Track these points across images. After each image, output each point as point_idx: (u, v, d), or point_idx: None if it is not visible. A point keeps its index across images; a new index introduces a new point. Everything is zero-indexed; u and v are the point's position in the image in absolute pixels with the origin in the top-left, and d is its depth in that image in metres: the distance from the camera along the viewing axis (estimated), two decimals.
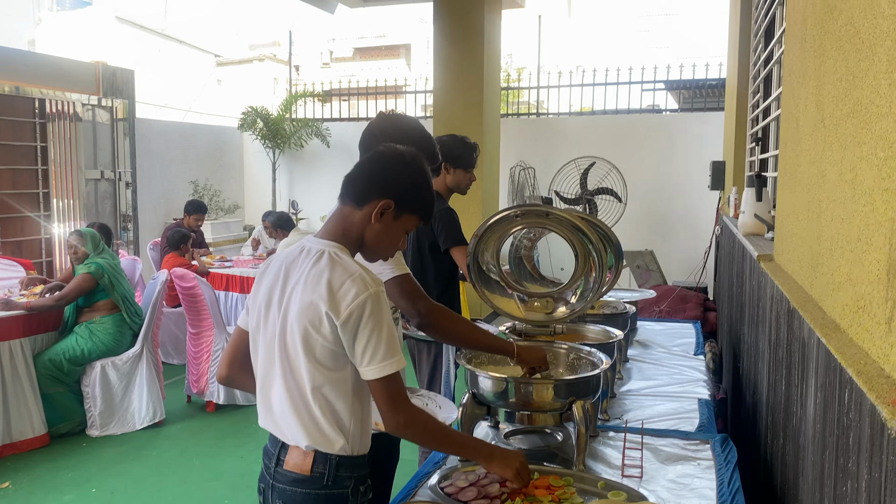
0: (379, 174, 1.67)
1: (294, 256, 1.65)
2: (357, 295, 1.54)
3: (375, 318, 1.55)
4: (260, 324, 1.66)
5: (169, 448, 4.34)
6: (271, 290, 1.65)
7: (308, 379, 1.58)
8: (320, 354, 1.57)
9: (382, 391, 1.57)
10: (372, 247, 1.71)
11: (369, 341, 1.54)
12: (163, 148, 8.85)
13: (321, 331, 1.55)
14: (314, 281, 1.57)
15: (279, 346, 1.61)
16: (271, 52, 36.90)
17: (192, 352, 5.09)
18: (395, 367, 1.57)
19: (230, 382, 1.83)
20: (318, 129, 9.54)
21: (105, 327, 4.54)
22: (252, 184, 10.43)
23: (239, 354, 1.76)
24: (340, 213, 1.68)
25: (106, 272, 4.51)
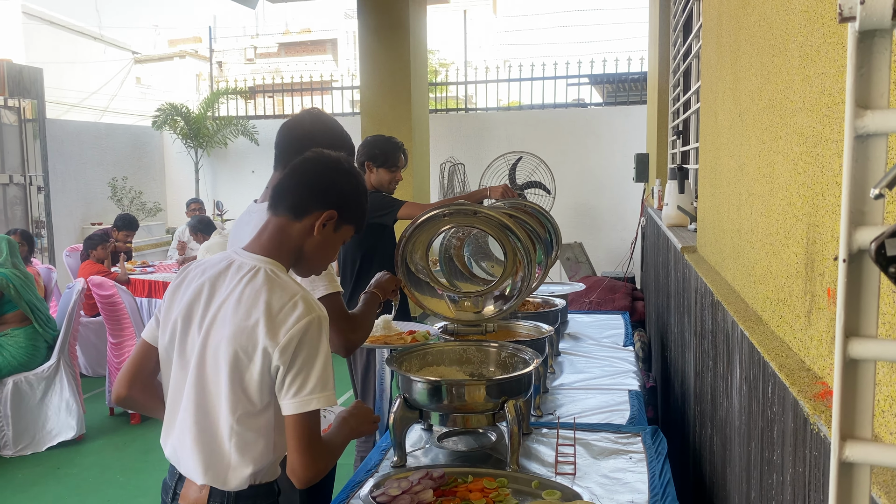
0: (320, 184, 1.56)
1: (220, 271, 1.53)
2: (299, 319, 1.43)
3: (313, 344, 1.44)
4: (174, 342, 1.53)
5: (90, 465, 4.14)
6: (191, 306, 1.51)
7: (227, 411, 1.44)
8: (248, 385, 1.44)
9: (298, 430, 1.43)
10: (310, 260, 1.60)
11: (301, 370, 1.43)
12: (77, 149, 8.44)
13: (254, 358, 1.42)
14: (249, 302, 1.45)
15: (195, 371, 1.47)
16: (192, 47, 35.85)
17: (113, 362, 4.87)
18: (322, 403, 1.44)
19: (128, 403, 1.65)
20: (245, 128, 9.29)
21: (16, 341, 4.29)
22: (174, 185, 10.09)
23: (143, 372, 1.60)
24: (274, 226, 1.55)
25: (11, 281, 4.26)
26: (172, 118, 9.23)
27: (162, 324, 1.56)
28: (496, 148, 7.91)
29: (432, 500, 1.71)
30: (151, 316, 5.32)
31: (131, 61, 26.30)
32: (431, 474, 1.83)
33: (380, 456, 2.06)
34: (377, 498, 1.73)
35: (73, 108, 15.67)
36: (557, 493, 1.74)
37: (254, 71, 35.40)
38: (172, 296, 1.58)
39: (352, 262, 3.33)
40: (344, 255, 3.33)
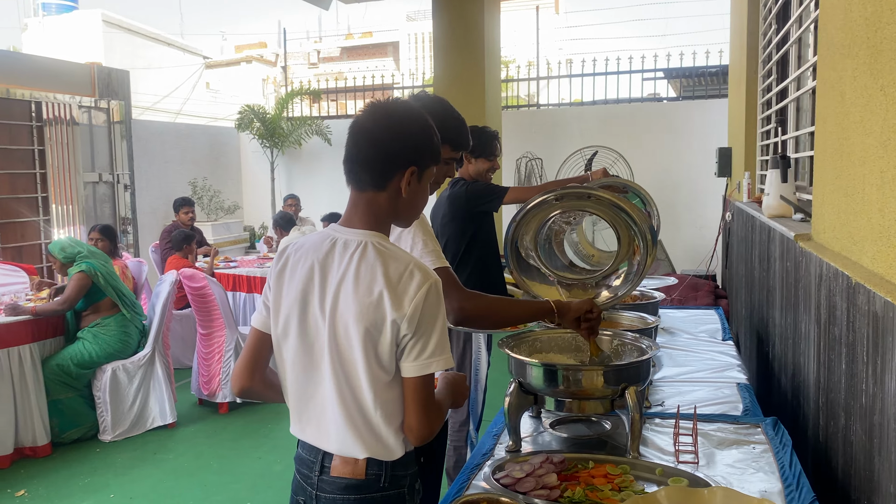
0: (388, 150, 1.52)
1: (326, 251, 1.53)
2: (419, 286, 1.44)
3: (433, 310, 1.46)
4: (291, 327, 1.54)
5: (184, 451, 4.26)
6: (305, 290, 1.52)
7: (368, 386, 1.47)
8: (381, 356, 1.46)
9: (418, 390, 1.47)
10: (406, 213, 1.60)
11: (423, 335, 1.45)
12: (160, 149, 8.74)
13: (383, 331, 1.44)
14: (367, 277, 1.46)
15: (330, 353, 1.49)
16: (258, 53, 36.78)
17: (202, 353, 5.01)
18: (440, 365, 1.47)
19: (250, 394, 1.66)
20: (319, 128, 9.45)
21: (108, 329, 4.45)
22: (250, 184, 10.34)
23: (261, 360, 1.63)
24: (364, 201, 1.54)
25: (98, 270, 4.42)
26: (250, 119, 9.46)
27: (273, 311, 1.57)
28: (569, 143, 7.85)
29: (556, 483, 1.69)
30: (237, 308, 5.44)
31: (202, 66, 27.12)
32: (552, 459, 1.81)
33: (493, 441, 2.05)
34: (500, 480, 1.72)
35: (147, 110, 16.25)
36: (684, 480, 1.69)
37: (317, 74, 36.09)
38: (278, 281, 1.58)
39: (454, 248, 3.33)
40: (445, 242, 3.33)
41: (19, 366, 4.15)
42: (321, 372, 1.53)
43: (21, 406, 4.15)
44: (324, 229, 1.63)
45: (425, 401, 1.49)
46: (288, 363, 1.57)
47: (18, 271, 5.53)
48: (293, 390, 1.59)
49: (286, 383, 1.60)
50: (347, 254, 1.51)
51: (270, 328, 1.60)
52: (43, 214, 6.85)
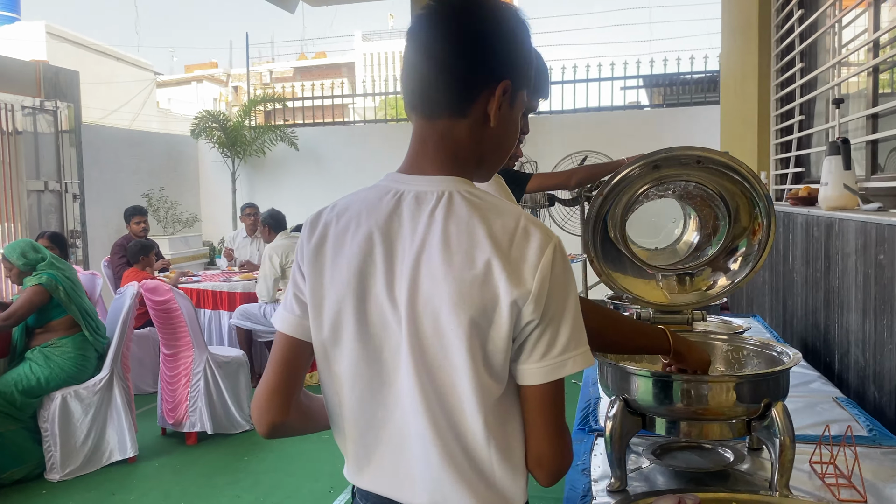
0: (484, 54, 1.04)
1: (387, 212, 1.05)
2: (542, 249, 0.97)
3: (563, 282, 0.99)
4: (343, 327, 1.06)
5: (148, 490, 3.66)
6: (362, 270, 1.04)
7: (476, 404, 0.99)
8: (491, 359, 0.98)
9: (548, 404, 1.01)
10: (490, 158, 1.11)
11: (551, 320, 0.98)
12: (112, 157, 8.08)
13: (495, 320, 0.97)
14: (463, 242, 0.98)
15: (412, 359, 1.00)
16: (209, 72, 36.06)
17: (166, 376, 4.41)
18: (578, 364, 1.00)
19: (285, 430, 1.15)
20: (286, 134, 8.91)
21: (64, 350, 3.85)
22: (209, 196, 9.70)
23: (298, 382, 1.14)
24: (436, 134, 1.06)
25: (60, 283, 3.83)
26: (209, 126, 8.86)
27: (312, 306, 1.08)
28: (553, 151, 7.46)
29: None
30: (202, 327, 4.83)
31: (153, 82, 26.23)
32: (684, 500, 1.35)
33: (585, 479, 1.58)
34: None
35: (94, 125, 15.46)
36: None
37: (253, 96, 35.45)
38: (315, 262, 1.09)
39: None
40: None
41: None
42: (397, 388, 1.04)
43: None
44: (376, 183, 1.12)
45: (558, 418, 1.02)
46: (343, 379, 1.08)
47: None
48: (352, 417, 1.09)
49: (339, 408, 1.11)
50: (424, 211, 1.03)
51: (308, 332, 1.10)
52: None
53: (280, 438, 1.23)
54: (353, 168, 9.20)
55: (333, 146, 9.29)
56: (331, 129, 9.55)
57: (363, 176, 9.19)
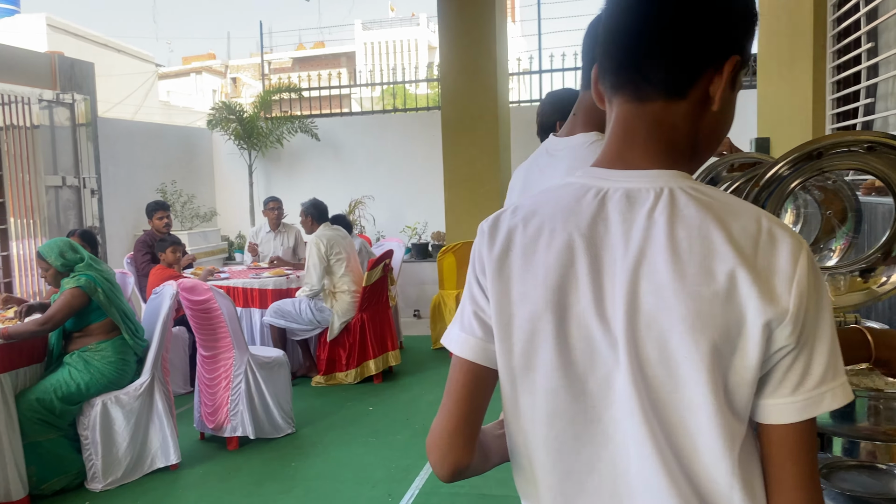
0: (716, 23, 0.87)
1: (591, 214, 0.88)
2: (794, 255, 0.80)
3: (823, 294, 0.82)
4: (539, 352, 0.89)
5: (196, 500, 3.50)
6: (562, 287, 0.87)
7: (722, 449, 0.81)
8: (737, 394, 0.82)
9: (802, 447, 0.83)
10: (709, 144, 0.93)
11: (806, 344, 0.81)
12: (127, 150, 7.88)
13: (743, 346, 0.80)
14: (697, 250, 0.81)
15: (634, 392, 0.83)
16: (206, 64, 35.82)
17: (205, 379, 4.24)
18: (839, 398, 0.82)
19: (470, 471, 0.98)
20: (305, 124, 8.70)
21: (104, 355, 3.67)
22: (225, 189, 9.50)
23: (480, 416, 0.97)
24: (647, 119, 0.89)
25: (99, 285, 3.64)
26: (226, 118, 8.66)
27: (500, 327, 0.91)
28: None
29: None
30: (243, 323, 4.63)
31: (154, 74, 25.97)
32: None
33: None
34: None
35: (110, 118, 15.28)
36: None
37: (268, 86, 35.22)
38: (499, 275, 0.92)
39: None
40: None
41: None
42: (607, 427, 0.87)
43: None
44: (568, 180, 0.94)
45: (811, 464, 0.83)
46: (536, 414, 0.91)
47: None
48: (546, 460, 0.91)
49: (527, 447, 0.94)
50: (639, 213, 0.85)
51: (494, 358, 0.93)
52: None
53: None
54: (371, 159, 9.00)
55: (352, 136, 9.09)
56: (349, 119, 9.34)
57: (382, 166, 9.01)
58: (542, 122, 2.73)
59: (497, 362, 0.94)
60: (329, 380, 5.38)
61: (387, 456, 3.95)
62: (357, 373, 5.34)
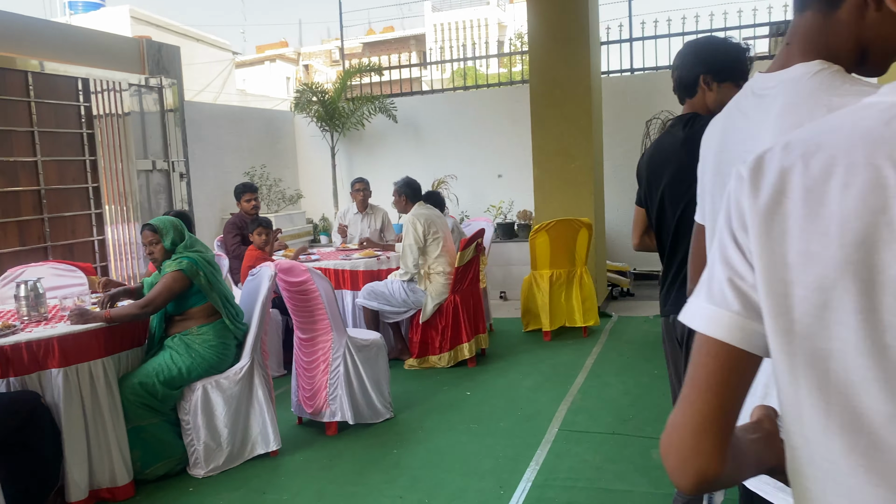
0: None
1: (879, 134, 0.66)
2: None
3: None
4: (833, 331, 0.66)
5: (300, 489, 3.38)
6: (869, 241, 0.63)
7: None
8: None
9: None
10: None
11: None
12: (214, 134, 7.90)
13: None
14: None
15: None
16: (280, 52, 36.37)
17: (302, 362, 4.12)
18: None
19: (717, 484, 0.76)
20: (384, 105, 8.55)
21: (205, 339, 3.58)
22: (308, 172, 9.48)
23: (735, 414, 0.75)
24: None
25: (201, 268, 3.55)
26: (309, 100, 8.59)
27: (771, 297, 0.70)
28: (671, 110, 6.84)
29: None
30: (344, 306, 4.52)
31: (232, 62, 26.46)
32: None
33: None
34: None
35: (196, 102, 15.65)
36: None
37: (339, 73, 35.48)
38: (768, 229, 0.70)
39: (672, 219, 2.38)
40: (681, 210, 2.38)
41: (90, 386, 3.29)
42: None
43: (95, 437, 3.29)
44: (875, 98, 0.71)
45: None
46: (835, 420, 0.67)
47: (75, 271, 4.69)
48: (850, 476, 0.66)
49: (821, 469, 0.69)
50: None
51: (759, 339, 0.72)
52: (94, 207, 6.01)
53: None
54: (452, 137, 8.78)
55: (431, 115, 8.89)
56: (429, 97, 9.15)
57: (463, 145, 8.77)
58: (682, 77, 2.43)
59: (764, 346, 0.72)
60: (422, 363, 5.22)
61: (492, 444, 3.75)
62: (450, 356, 5.16)
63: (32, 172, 5.43)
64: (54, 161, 5.62)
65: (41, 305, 3.57)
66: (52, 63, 5.52)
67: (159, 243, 3.58)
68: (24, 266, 4.62)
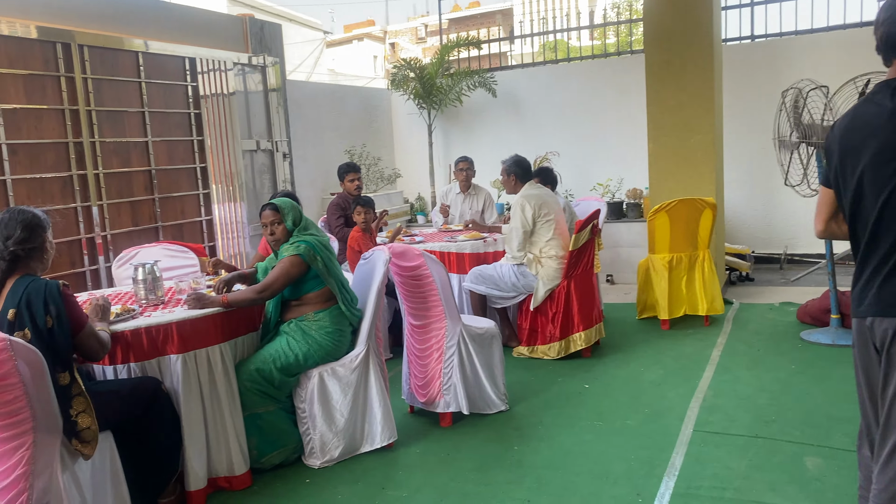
0: None
1: None
2: None
3: None
4: None
5: (420, 485, 3.21)
6: None
7: None
8: None
9: None
10: None
11: None
12: (314, 113, 7.84)
13: None
14: None
15: None
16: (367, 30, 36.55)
17: (415, 350, 3.95)
18: None
19: None
20: (483, 79, 8.27)
21: (321, 325, 3.45)
22: (404, 150, 9.33)
23: None
24: None
25: (318, 253, 3.42)
26: (406, 77, 8.41)
27: None
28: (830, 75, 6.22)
29: None
30: None
31: (323, 41, 26.69)
32: None
33: None
34: None
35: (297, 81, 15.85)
36: None
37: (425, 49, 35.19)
38: None
39: None
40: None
41: (209, 373, 3.21)
42: None
43: (213, 424, 3.22)
44: None
45: None
46: None
47: (187, 252, 4.68)
48: None
49: None
50: None
51: None
52: (202, 188, 6.03)
53: None
54: (554, 112, 8.42)
55: (531, 89, 8.54)
56: (529, 71, 8.79)
57: (566, 120, 8.39)
58: (888, 34, 2.06)
59: None
60: (532, 351, 4.98)
61: (620, 445, 3.47)
62: (561, 346, 4.87)
63: (143, 153, 5.47)
64: (164, 141, 5.64)
65: (158, 289, 3.52)
66: (157, 42, 5.52)
67: (281, 223, 3.47)
68: (139, 247, 4.64)
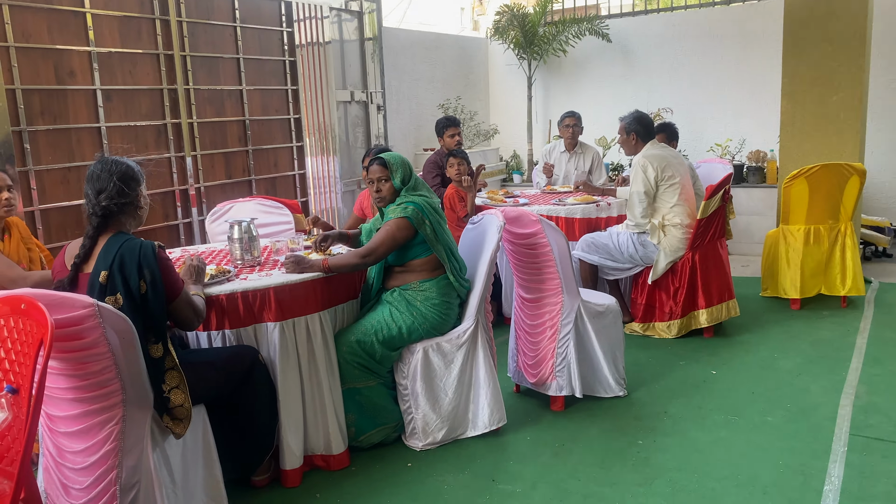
0: None
1: None
2: None
3: None
4: None
5: (537, 480, 2.87)
6: None
7: None
8: None
9: None
10: None
11: None
12: (409, 64, 7.45)
13: None
14: None
15: None
16: None
17: (525, 325, 3.59)
18: None
19: None
20: (594, 26, 7.67)
21: (427, 295, 3.13)
22: (500, 105, 8.84)
23: None
24: None
25: (427, 216, 3.08)
26: (506, 26, 7.89)
27: None
28: None
29: None
30: None
31: None
32: None
33: None
34: None
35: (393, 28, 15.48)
36: None
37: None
38: None
39: None
40: None
41: (307, 343, 2.94)
42: None
43: (311, 398, 2.96)
44: None
45: None
46: None
47: (281, 208, 4.43)
48: None
49: None
50: None
51: None
52: (296, 140, 5.78)
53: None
54: (669, 64, 7.74)
55: (641, 40, 7.86)
56: (640, 20, 8.09)
57: (681, 73, 7.71)
58: None
59: None
60: (646, 329, 4.54)
61: (763, 446, 3.03)
62: (681, 325, 4.41)
63: (237, 102, 5.24)
64: (258, 90, 5.39)
65: (255, 249, 3.27)
66: None
67: (389, 180, 3.14)
68: (232, 201, 4.42)
